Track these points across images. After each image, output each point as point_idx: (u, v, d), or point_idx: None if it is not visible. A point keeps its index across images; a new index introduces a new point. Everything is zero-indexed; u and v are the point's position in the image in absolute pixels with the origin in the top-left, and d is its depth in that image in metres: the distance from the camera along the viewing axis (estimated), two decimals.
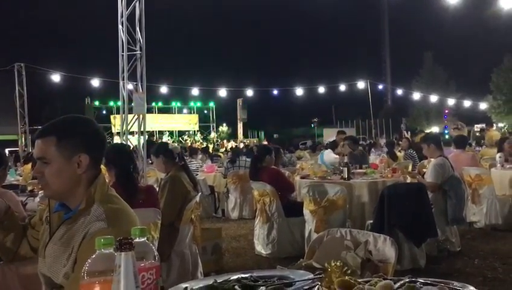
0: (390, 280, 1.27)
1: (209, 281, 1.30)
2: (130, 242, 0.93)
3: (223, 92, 24.76)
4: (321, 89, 27.03)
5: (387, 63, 46.72)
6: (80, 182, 1.57)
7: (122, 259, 0.89)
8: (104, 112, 26.47)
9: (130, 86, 7.54)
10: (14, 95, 18.52)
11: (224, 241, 5.38)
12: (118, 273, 0.88)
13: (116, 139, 20.19)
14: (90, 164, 1.58)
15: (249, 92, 26.25)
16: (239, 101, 27.35)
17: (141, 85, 7.33)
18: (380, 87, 34.86)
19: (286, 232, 5.20)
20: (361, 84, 28.66)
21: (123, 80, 7.26)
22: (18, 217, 1.78)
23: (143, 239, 1.05)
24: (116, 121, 23.99)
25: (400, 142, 12.90)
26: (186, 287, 1.22)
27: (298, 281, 1.25)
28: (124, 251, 0.90)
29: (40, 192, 4.41)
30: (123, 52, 7.13)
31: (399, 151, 11.21)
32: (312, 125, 36.99)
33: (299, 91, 26.64)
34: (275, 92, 28.18)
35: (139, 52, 7.15)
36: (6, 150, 15.57)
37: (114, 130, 23.44)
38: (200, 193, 4.22)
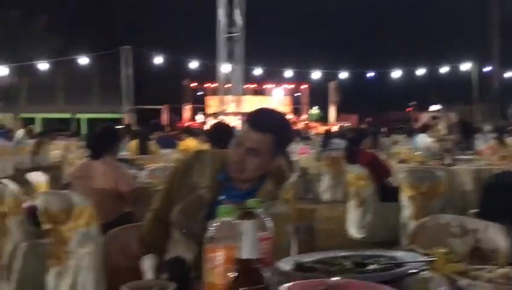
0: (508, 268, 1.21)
1: (317, 256, 1.33)
2: (251, 212, 0.99)
3: (316, 74, 24.54)
4: (420, 71, 25.73)
5: (495, 43, 43.17)
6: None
7: (246, 227, 0.95)
8: (200, 93, 27.45)
9: (227, 68, 7.75)
10: (120, 77, 19.87)
11: (316, 222, 5.41)
12: (242, 240, 0.94)
13: (210, 120, 20.90)
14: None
15: (343, 74, 25.72)
16: (331, 84, 26.94)
17: (238, 67, 7.49)
18: (486, 69, 32.39)
19: (381, 217, 5.10)
20: (464, 66, 26.87)
21: (221, 61, 7.48)
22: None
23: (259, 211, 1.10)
24: (210, 102, 24.80)
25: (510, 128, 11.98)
26: (295, 260, 1.27)
27: (409, 262, 1.24)
28: (248, 219, 0.96)
29: (147, 166, 4.74)
30: (222, 34, 7.33)
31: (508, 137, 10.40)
32: (409, 108, 35.41)
33: (396, 73, 25.58)
34: (370, 74, 27.34)
35: (237, 33, 7.30)
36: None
37: (209, 111, 24.23)
38: (296, 173, 4.28)
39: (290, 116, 18.23)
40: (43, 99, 31.32)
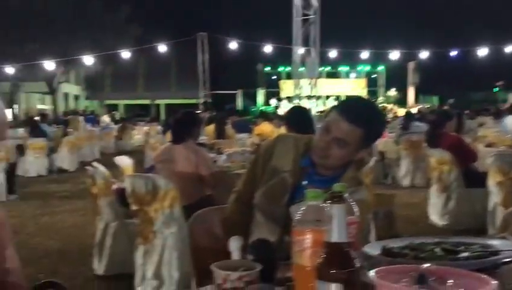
0: None
1: (405, 242, 1.31)
2: (341, 196, 0.98)
3: (394, 55, 23.60)
4: (509, 49, 23.89)
5: None
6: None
7: (336, 211, 0.95)
8: (274, 77, 27.47)
9: (302, 51, 7.69)
10: (197, 63, 20.37)
11: (395, 208, 5.27)
12: (332, 223, 0.94)
13: (284, 104, 20.91)
14: None
15: (424, 54, 24.50)
16: (410, 64, 25.84)
17: (314, 49, 7.41)
18: None
19: (466, 204, 4.87)
20: None
21: (296, 44, 7.43)
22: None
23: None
24: (285, 86, 24.76)
25: None
26: (384, 246, 1.25)
27: (505, 250, 1.18)
28: (337, 203, 0.96)
29: (225, 150, 4.85)
30: (297, 17, 7.27)
31: None
32: (496, 89, 33.17)
33: (482, 51, 23.94)
34: (453, 53, 25.82)
35: (313, 16, 7.21)
36: None
37: (283, 95, 24.21)
38: (374, 158, 4.19)
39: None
40: (125, 86, 32.95)
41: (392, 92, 29.69)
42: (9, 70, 19.28)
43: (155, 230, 3.51)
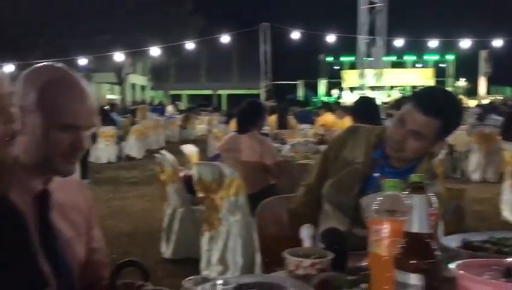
0: None
1: (485, 236, 1.26)
2: (422, 186, 0.96)
3: (464, 43, 22.45)
4: None
5: None
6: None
7: (417, 201, 0.93)
8: (336, 67, 27.07)
9: (367, 40, 7.51)
10: (259, 54, 20.46)
11: (465, 203, 5.07)
12: (412, 214, 0.93)
13: (347, 95, 20.56)
14: None
15: (496, 43, 23.14)
16: (482, 53, 24.53)
17: (380, 39, 7.22)
18: None
19: None
20: None
21: (361, 34, 7.27)
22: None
23: None
24: (347, 76, 24.35)
25: None
26: (463, 238, 1.21)
27: None
28: (418, 194, 0.94)
29: (289, 140, 4.87)
30: (363, 5, 7.11)
31: None
32: None
33: None
34: None
35: (380, 4, 7.02)
36: None
37: (345, 85, 23.83)
38: (444, 150, 4.04)
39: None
40: (188, 77, 33.76)
41: (462, 83, 28.38)
42: (82, 61, 20.25)
43: (220, 217, 3.60)
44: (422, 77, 27.27)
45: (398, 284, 0.93)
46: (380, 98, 14.32)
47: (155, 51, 20.55)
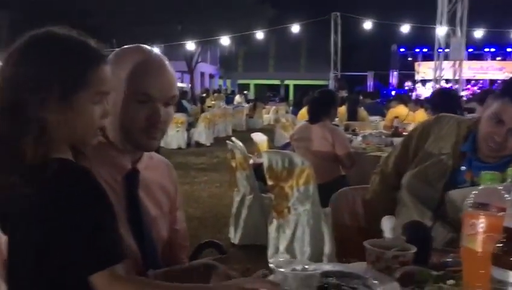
0: None
1: None
2: None
3: None
4: None
5: None
6: None
7: None
8: (409, 59, 26.12)
9: (445, 31, 7.17)
10: (328, 44, 20.16)
11: None
12: None
13: (420, 87, 19.79)
14: None
15: None
16: None
17: (460, 29, 6.88)
18: None
19: None
20: None
21: (440, 24, 6.95)
22: None
23: None
24: (420, 68, 23.42)
25: None
26: None
27: None
28: None
29: (360, 132, 4.77)
30: None
31: None
32: None
33: None
34: None
35: None
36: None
37: (418, 77, 22.96)
38: None
39: None
40: (256, 66, 33.94)
41: None
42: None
43: (289, 206, 3.60)
44: (503, 70, 25.65)
45: (495, 282, 0.88)
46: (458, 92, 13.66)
47: (225, 40, 20.83)
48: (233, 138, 4.44)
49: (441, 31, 6.92)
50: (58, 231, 0.98)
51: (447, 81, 13.87)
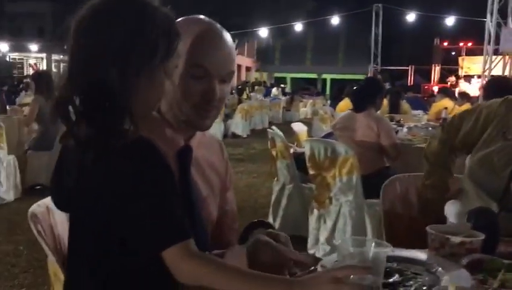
0: None
1: None
2: None
3: None
4: None
5: None
6: None
7: None
8: (453, 53, 25.32)
9: (494, 23, 6.86)
10: (367, 37, 19.76)
11: None
12: None
13: (464, 83, 19.15)
14: None
15: None
16: None
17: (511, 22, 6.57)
18: None
19: None
20: None
21: (491, 14, 6.65)
22: None
23: None
24: (464, 63, 22.68)
25: None
26: None
27: None
28: None
29: (406, 123, 4.62)
30: None
31: None
32: None
33: None
34: None
35: None
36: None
37: (462, 72, 22.23)
38: None
39: None
40: (293, 60, 33.73)
41: None
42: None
43: (331, 196, 3.51)
44: None
45: None
46: None
47: (263, 32, 20.75)
48: (273, 127, 4.38)
49: (491, 23, 6.62)
50: (128, 205, 0.92)
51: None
